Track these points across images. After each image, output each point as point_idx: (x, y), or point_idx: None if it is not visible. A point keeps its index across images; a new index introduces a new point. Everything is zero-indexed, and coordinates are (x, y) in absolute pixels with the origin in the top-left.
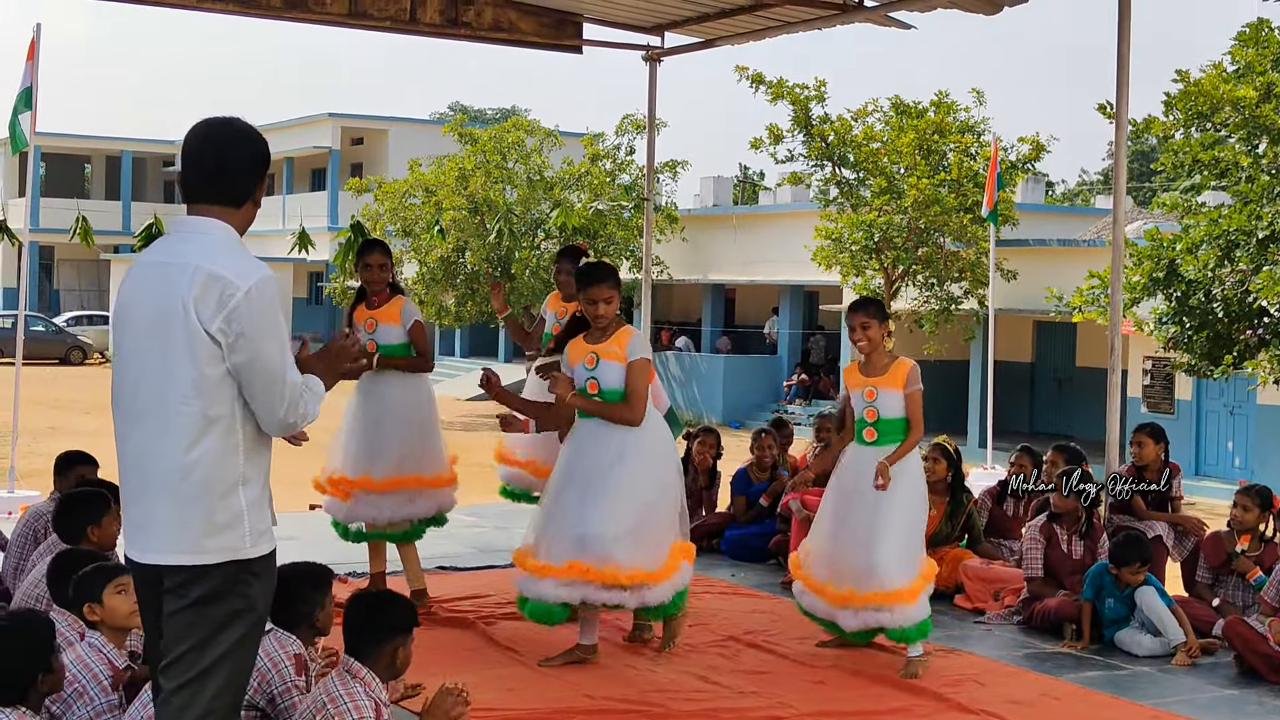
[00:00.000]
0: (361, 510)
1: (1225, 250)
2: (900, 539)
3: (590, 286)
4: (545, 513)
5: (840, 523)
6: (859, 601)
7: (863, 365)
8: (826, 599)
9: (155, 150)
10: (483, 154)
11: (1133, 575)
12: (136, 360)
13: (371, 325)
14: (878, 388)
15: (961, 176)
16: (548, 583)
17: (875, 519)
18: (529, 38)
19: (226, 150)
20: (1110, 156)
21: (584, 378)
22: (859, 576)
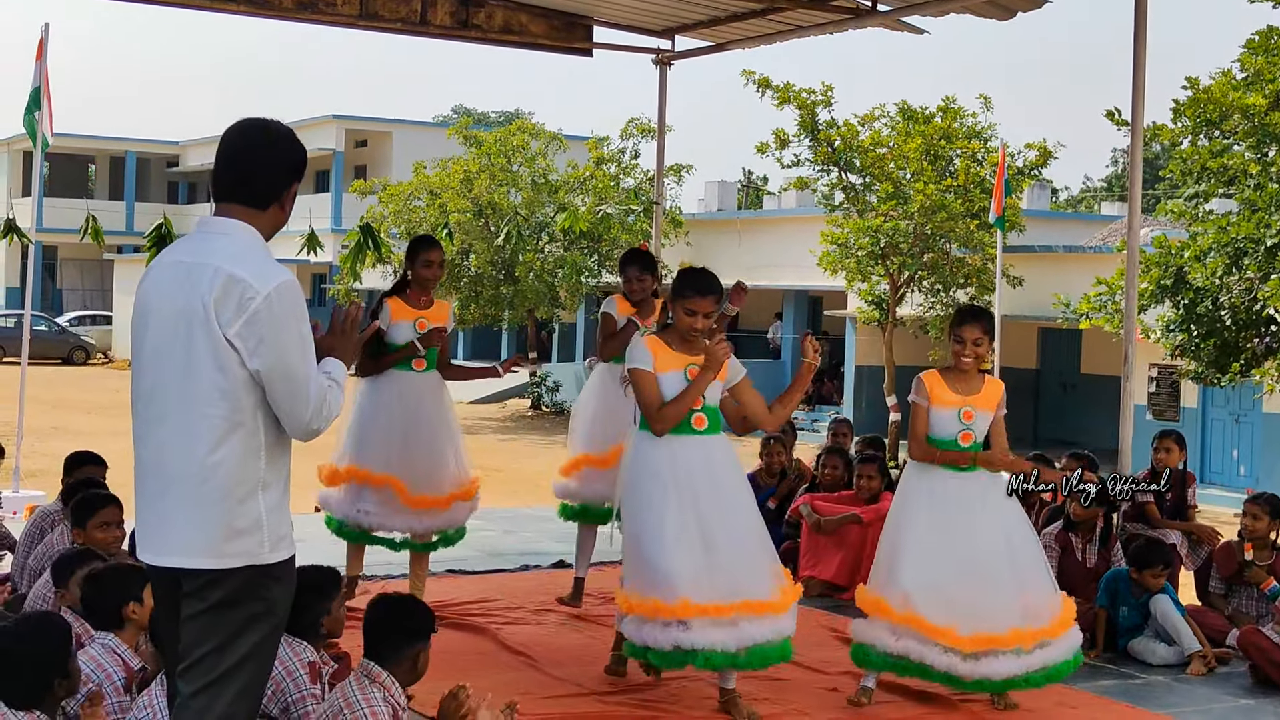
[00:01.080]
0: (385, 519)
1: (1233, 258)
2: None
3: (696, 297)
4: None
5: (962, 557)
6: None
7: (953, 380)
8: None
9: (160, 151)
10: (487, 157)
11: (1154, 579)
12: (157, 361)
13: (424, 325)
14: (975, 408)
15: (968, 182)
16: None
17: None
18: (539, 40)
19: (257, 152)
20: (1115, 163)
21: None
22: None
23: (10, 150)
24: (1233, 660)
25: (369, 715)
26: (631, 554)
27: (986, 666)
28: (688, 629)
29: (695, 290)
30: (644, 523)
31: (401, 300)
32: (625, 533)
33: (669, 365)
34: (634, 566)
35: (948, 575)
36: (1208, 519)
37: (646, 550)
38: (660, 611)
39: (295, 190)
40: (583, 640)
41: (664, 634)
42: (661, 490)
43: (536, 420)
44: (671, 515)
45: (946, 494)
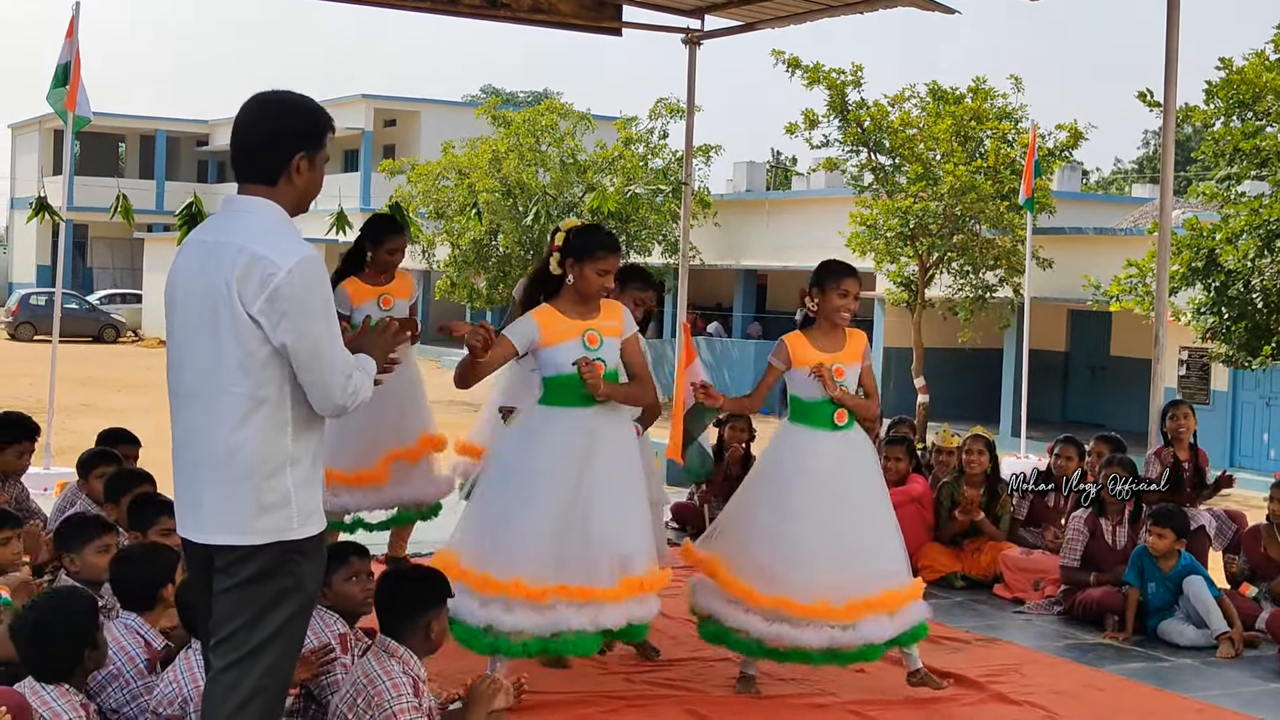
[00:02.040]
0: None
1: (1265, 240)
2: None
3: (609, 256)
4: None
5: (828, 523)
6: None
7: (816, 339)
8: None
9: (189, 130)
10: (515, 137)
11: (1156, 538)
12: (185, 340)
13: (388, 301)
14: (845, 364)
15: (998, 163)
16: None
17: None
18: (569, 20)
19: (252, 128)
20: (1146, 144)
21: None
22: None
23: (42, 129)
24: (1261, 644)
25: (390, 688)
26: (494, 523)
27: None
28: (509, 609)
29: (607, 249)
30: (516, 496)
31: (360, 280)
32: (489, 499)
33: (564, 335)
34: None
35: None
36: (1237, 503)
37: (515, 524)
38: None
39: (308, 159)
40: None
41: (482, 611)
42: (546, 464)
43: None
44: (544, 493)
45: (821, 453)
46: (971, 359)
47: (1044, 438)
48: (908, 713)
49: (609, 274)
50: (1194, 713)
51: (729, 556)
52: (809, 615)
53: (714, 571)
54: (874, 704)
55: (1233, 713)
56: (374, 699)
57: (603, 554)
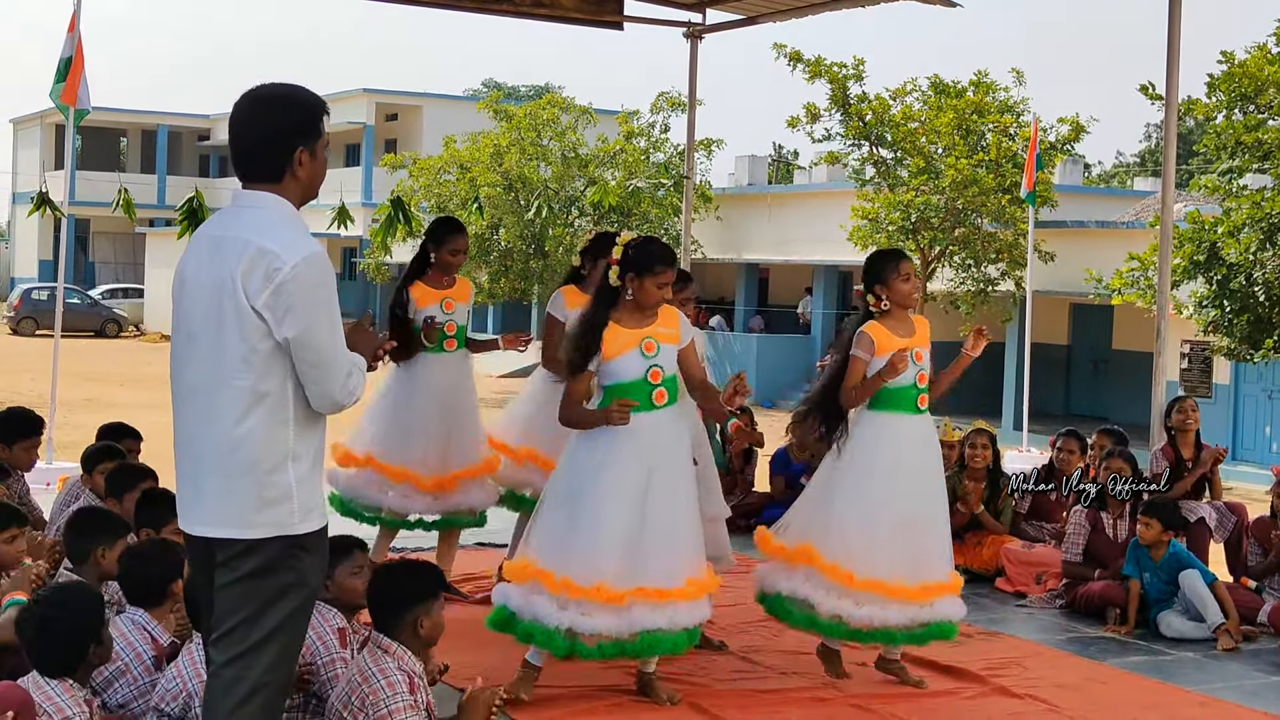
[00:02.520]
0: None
1: (1267, 234)
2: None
3: (667, 270)
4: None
5: (913, 505)
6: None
7: (892, 326)
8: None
9: (191, 124)
10: (517, 131)
11: (1144, 528)
12: (191, 334)
13: (450, 305)
14: (921, 348)
15: (1000, 157)
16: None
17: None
18: (570, 13)
19: (245, 128)
20: (1148, 138)
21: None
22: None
23: (43, 124)
24: (1260, 637)
25: (385, 686)
26: (568, 529)
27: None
28: (588, 613)
29: (665, 262)
30: (590, 502)
31: (424, 284)
32: (561, 505)
33: (624, 346)
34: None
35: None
36: (1239, 496)
37: (591, 530)
38: (570, 590)
39: (308, 151)
40: None
41: (562, 614)
42: (616, 470)
43: None
44: (615, 497)
45: (906, 441)
46: None
47: (1046, 431)
48: (910, 705)
49: (668, 286)
50: (1196, 705)
51: (820, 543)
52: (896, 596)
53: (811, 558)
54: (876, 697)
55: (1235, 705)
56: (368, 697)
57: (674, 555)
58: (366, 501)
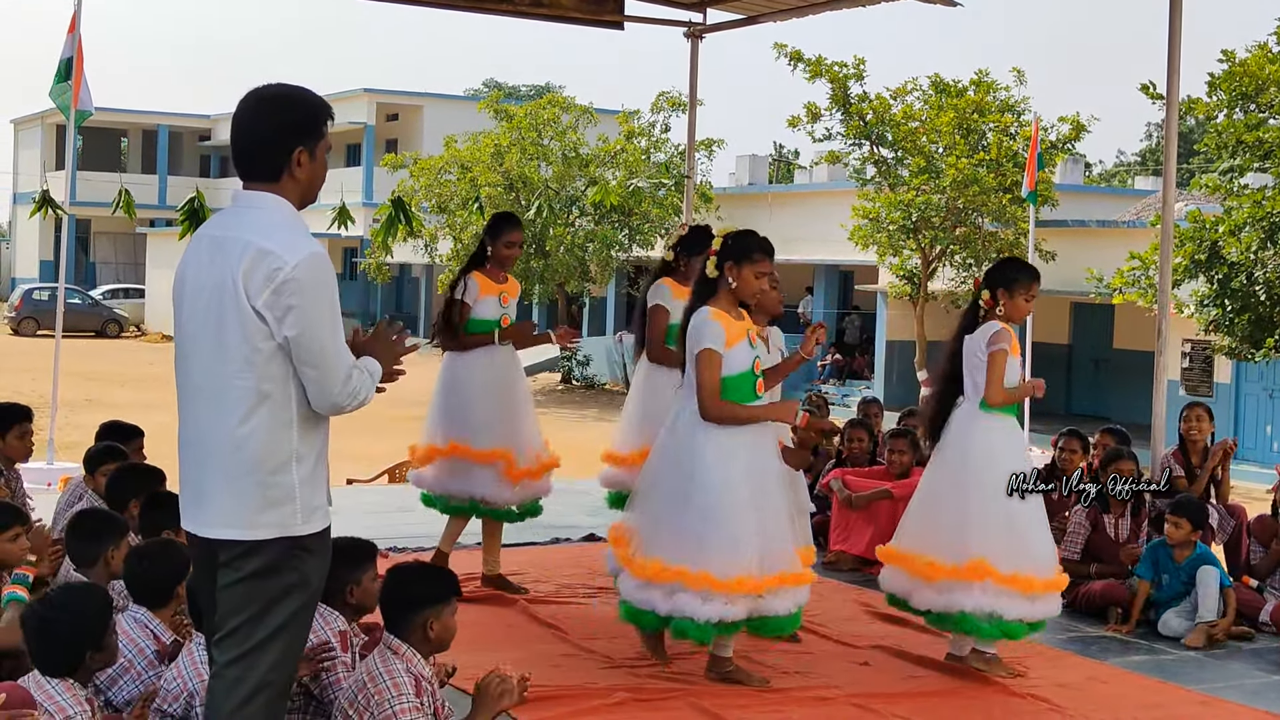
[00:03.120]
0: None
1: (1269, 233)
2: None
3: (765, 259)
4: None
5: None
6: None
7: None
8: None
9: (191, 124)
10: (518, 131)
11: (1173, 528)
12: (192, 335)
13: (506, 300)
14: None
15: (1001, 156)
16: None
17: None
18: (570, 13)
19: (246, 127)
20: (1149, 137)
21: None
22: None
23: (44, 124)
24: (1257, 637)
25: (391, 687)
26: (693, 524)
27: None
28: (732, 603)
29: (764, 251)
30: (717, 496)
31: (483, 275)
32: (688, 500)
33: (736, 337)
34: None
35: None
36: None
37: (726, 524)
38: (712, 585)
39: (308, 152)
40: (612, 613)
41: (707, 608)
42: (738, 463)
43: (567, 394)
44: (745, 489)
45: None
46: None
47: (1048, 430)
48: (911, 705)
49: (765, 276)
50: (1198, 705)
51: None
52: (1039, 590)
53: (989, 571)
54: (878, 697)
55: (1236, 705)
56: (374, 697)
57: (791, 539)
58: (461, 492)
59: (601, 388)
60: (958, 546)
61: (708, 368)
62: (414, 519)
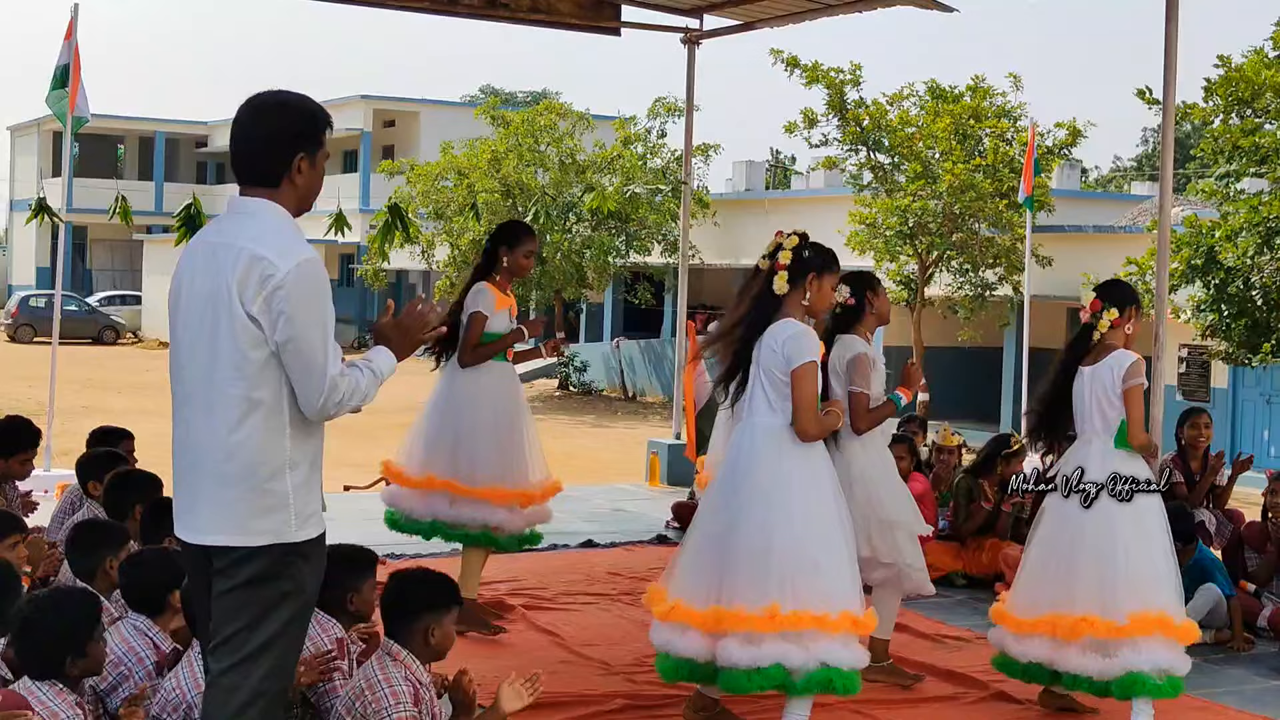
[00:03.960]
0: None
1: (1265, 238)
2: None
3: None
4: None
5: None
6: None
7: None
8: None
9: (188, 131)
10: (515, 137)
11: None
12: (187, 342)
13: (515, 312)
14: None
15: (997, 162)
16: None
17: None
18: (567, 20)
19: (250, 131)
20: (1145, 142)
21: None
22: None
23: (41, 131)
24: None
25: (389, 695)
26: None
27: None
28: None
29: (838, 264)
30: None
31: (494, 287)
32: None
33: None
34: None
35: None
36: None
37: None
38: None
39: (308, 159)
40: (611, 620)
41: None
42: (826, 488)
43: (564, 400)
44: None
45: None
46: (971, 357)
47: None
48: (910, 711)
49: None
50: (1195, 710)
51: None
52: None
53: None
54: (878, 704)
55: (1235, 710)
56: (372, 705)
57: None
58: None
59: (599, 394)
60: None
61: (812, 382)
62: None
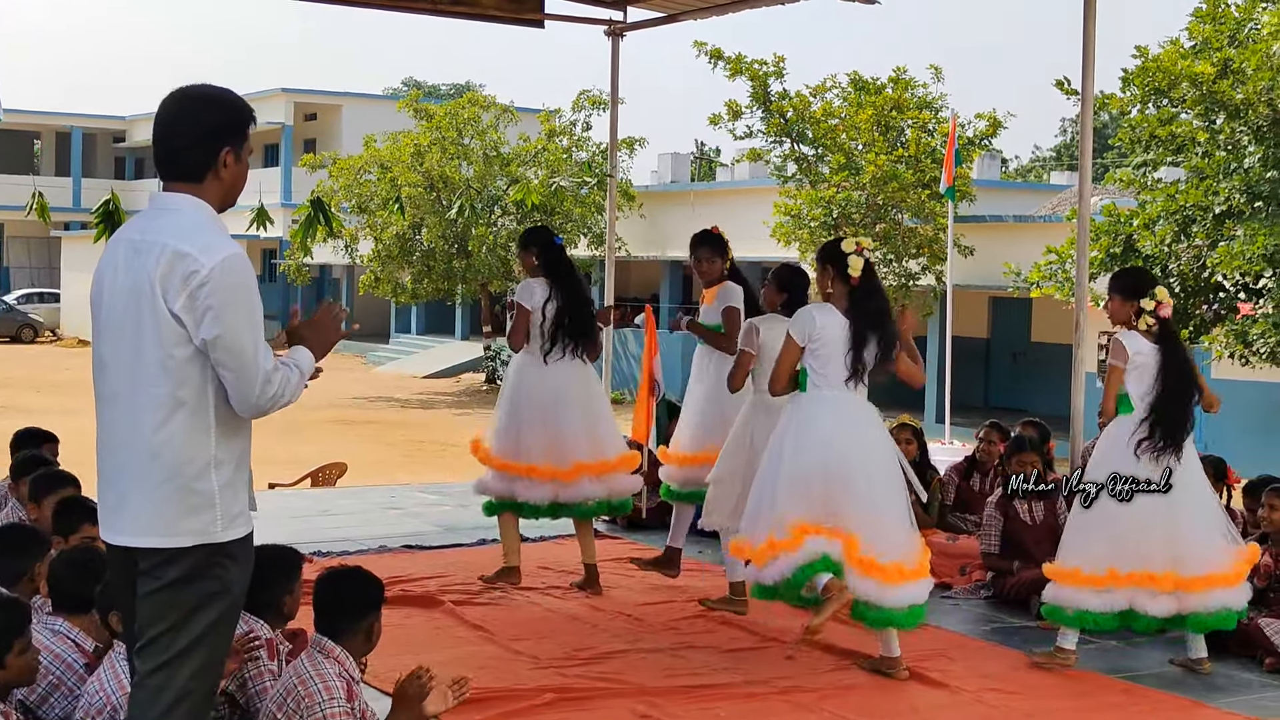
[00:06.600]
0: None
1: (1181, 226)
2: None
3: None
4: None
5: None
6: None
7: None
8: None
9: (106, 126)
10: (438, 130)
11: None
12: (109, 340)
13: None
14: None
15: (919, 153)
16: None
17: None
18: (490, 11)
19: (173, 126)
20: (1064, 132)
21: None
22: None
23: None
24: None
25: (322, 690)
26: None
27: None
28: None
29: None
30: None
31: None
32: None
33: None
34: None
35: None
36: None
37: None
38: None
39: (234, 153)
40: (540, 614)
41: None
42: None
43: (491, 394)
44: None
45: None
46: None
47: (968, 423)
48: (839, 698)
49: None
50: (1120, 693)
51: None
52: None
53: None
54: (806, 691)
55: (1159, 692)
56: (304, 700)
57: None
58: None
59: None
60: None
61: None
62: (337, 524)
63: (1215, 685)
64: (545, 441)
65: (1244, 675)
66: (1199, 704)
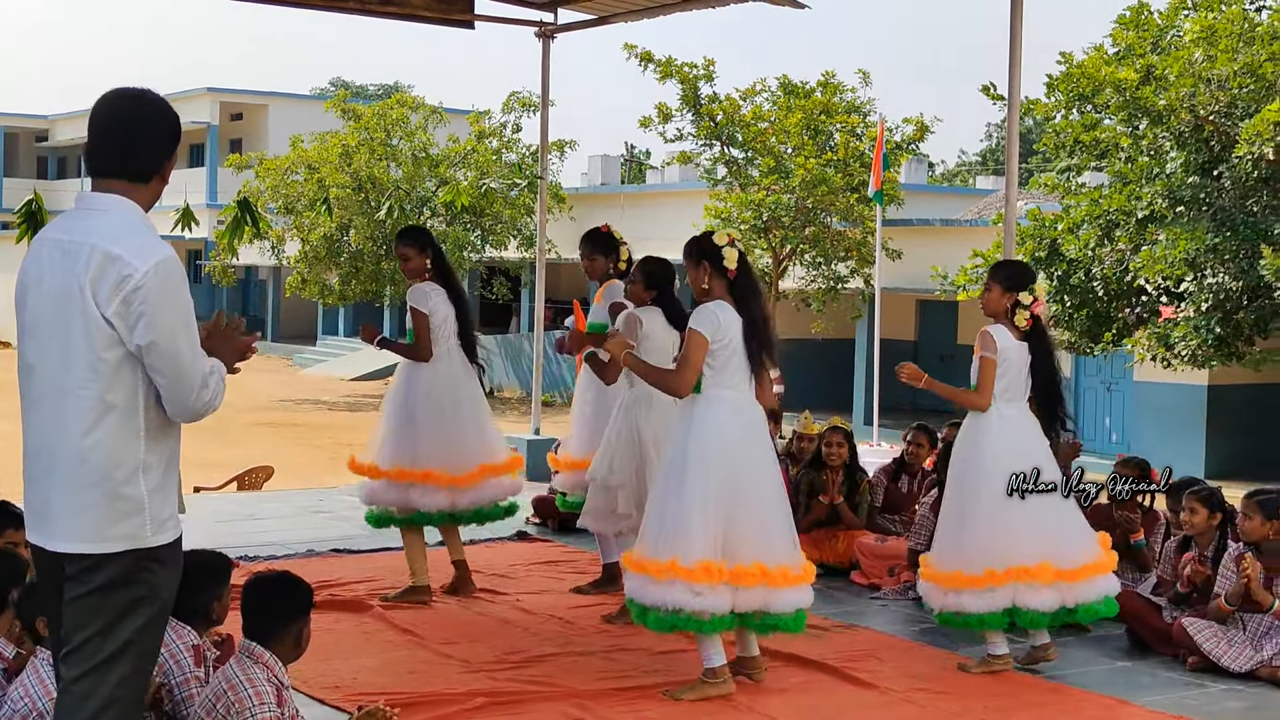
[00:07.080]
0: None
1: (1105, 230)
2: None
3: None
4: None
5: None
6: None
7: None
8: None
9: (28, 125)
10: (366, 131)
11: None
12: (36, 342)
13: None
14: None
15: (848, 156)
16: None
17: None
18: (419, 11)
19: (135, 126)
20: (989, 137)
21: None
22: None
23: None
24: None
25: (252, 695)
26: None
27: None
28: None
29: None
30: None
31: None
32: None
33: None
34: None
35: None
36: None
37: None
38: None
39: (174, 160)
40: (470, 618)
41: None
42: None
43: None
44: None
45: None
46: (825, 349)
47: (896, 425)
48: (772, 700)
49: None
50: (1047, 692)
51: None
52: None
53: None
54: (739, 692)
55: (1083, 691)
56: (234, 705)
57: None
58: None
59: None
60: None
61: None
62: (264, 528)
63: (1140, 684)
64: (444, 446)
65: (1167, 674)
66: (1124, 702)
